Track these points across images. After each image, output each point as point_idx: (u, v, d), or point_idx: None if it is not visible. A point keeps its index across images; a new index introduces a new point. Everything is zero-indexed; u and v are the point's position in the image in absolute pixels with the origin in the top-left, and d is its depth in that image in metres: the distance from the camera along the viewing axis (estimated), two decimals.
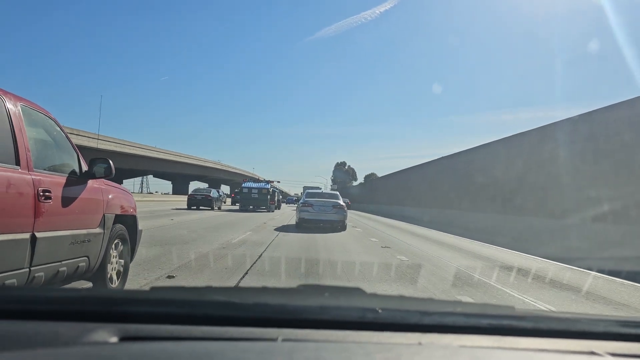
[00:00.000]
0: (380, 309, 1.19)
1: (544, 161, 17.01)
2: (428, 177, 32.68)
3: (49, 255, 3.53)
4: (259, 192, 31.60)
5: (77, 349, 0.99)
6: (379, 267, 7.37)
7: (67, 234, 3.78)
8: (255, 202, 31.51)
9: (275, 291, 1.55)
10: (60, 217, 3.71)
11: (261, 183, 34.04)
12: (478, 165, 23.45)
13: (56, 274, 3.66)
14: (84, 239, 4.03)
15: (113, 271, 4.66)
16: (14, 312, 1.19)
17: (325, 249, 9.55)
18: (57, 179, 3.76)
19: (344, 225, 15.74)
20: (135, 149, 55.67)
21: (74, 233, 3.87)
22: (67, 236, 3.78)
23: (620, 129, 12.98)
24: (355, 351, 0.99)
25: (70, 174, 4.01)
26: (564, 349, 1.13)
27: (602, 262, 9.56)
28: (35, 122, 3.74)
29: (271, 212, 30.39)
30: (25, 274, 3.27)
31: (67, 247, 3.78)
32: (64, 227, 3.75)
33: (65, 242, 3.75)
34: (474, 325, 1.20)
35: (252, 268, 6.70)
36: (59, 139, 4.12)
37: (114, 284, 4.65)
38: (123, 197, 4.94)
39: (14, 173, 3.23)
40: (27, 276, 3.31)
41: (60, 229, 3.68)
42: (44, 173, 3.57)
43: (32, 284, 3.40)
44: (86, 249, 4.07)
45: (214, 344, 1.04)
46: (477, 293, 5.83)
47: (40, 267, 3.43)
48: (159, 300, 1.28)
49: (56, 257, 3.63)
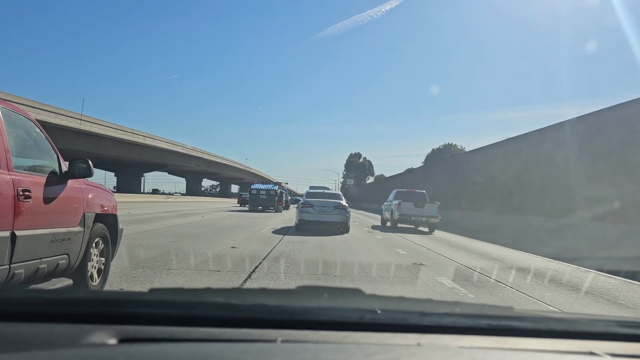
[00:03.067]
0: (379, 310, 1.19)
1: (543, 161, 17.04)
2: (429, 177, 32.81)
3: (29, 252, 3.60)
4: (267, 194, 32.82)
5: (75, 350, 0.98)
6: (377, 266, 7.40)
7: (47, 232, 3.85)
8: (264, 202, 32.69)
9: (274, 292, 1.55)
10: (40, 216, 3.77)
11: (269, 185, 35.29)
12: (476, 166, 23.57)
13: (36, 271, 3.74)
14: (64, 237, 4.09)
15: (94, 269, 4.70)
16: (11, 313, 1.19)
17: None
18: (37, 179, 3.84)
19: (346, 227, 15.01)
20: (136, 137, 52.45)
21: (53, 231, 3.93)
22: (47, 234, 3.84)
23: (618, 129, 13.01)
24: (355, 352, 0.98)
25: (50, 174, 4.08)
26: (563, 350, 1.13)
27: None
28: (15, 124, 3.80)
29: (279, 212, 31.11)
30: (5, 271, 3.34)
31: (47, 245, 3.85)
32: (43, 226, 3.81)
33: (45, 240, 3.81)
34: (473, 326, 1.20)
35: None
36: (39, 140, 4.18)
37: (94, 281, 4.68)
38: (104, 196, 4.98)
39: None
40: (7, 273, 3.37)
41: (40, 227, 3.75)
42: (23, 173, 3.65)
43: (12, 281, 3.48)
44: (66, 247, 4.13)
45: (212, 346, 1.03)
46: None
47: (20, 264, 3.50)
48: (158, 301, 1.28)
49: (36, 254, 3.71)
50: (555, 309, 5.17)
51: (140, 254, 7.54)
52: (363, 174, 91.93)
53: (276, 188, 33.93)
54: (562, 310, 5.19)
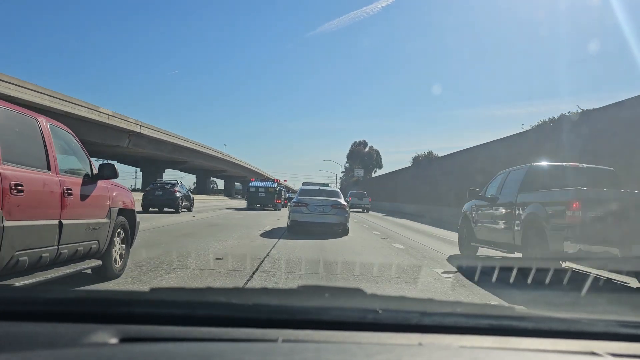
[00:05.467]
0: (380, 310, 1.19)
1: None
2: (428, 175, 32.75)
3: (71, 237, 4.58)
4: (265, 191, 32.10)
5: (76, 350, 0.98)
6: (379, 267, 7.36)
7: (83, 222, 4.84)
8: (262, 200, 32.04)
9: (276, 292, 1.55)
10: (78, 209, 4.75)
11: (268, 182, 34.45)
12: (478, 165, 23.48)
13: (75, 253, 4.72)
14: (95, 226, 5.09)
15: (117, 254, 5.66)
16: (13, 313, 1.19)
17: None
18: (75, 179, 4.84)
19: (345, 228, 12.98)
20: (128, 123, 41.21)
21: (88, 222, 4.93)
22: (83, 224, 4.84)
23: (619, 128, 12.99)
24: (356, 352, 0.98)
25: (84, 176, 5.07)
26: (564, 350, 1.13)
27: None
28: (60, 137, 4.84)
29: (278, 210, 30.47)
30: (54, 250, 4.33)
31: (83, 232, 4.85)
32: (81, 217, 4.79)
33: (82, 228, 4.80)
34: (474, 326, 1.20)
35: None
36: (76, 148, 5.24)
37: (117, 264, 5.66)
38: (124, 194, 5.94)
39: (47, 175, 4.31)
40: (56, 252, 4.36)
41: (78, 218, 4.73)
42: (66, 175, 4.67)
43: (59, 259, 4.46)
44: (97, 235, 5.12)
45: (214, 345, 1.04)
46: None
47: (64, 246, 4.48)
48: (159, 301, 1.28)
49: (76, 239, 4.70)
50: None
51: None
52: (370, 166, 75.90)
53: (275, 185, 33.21)
54: None
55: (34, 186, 4.04)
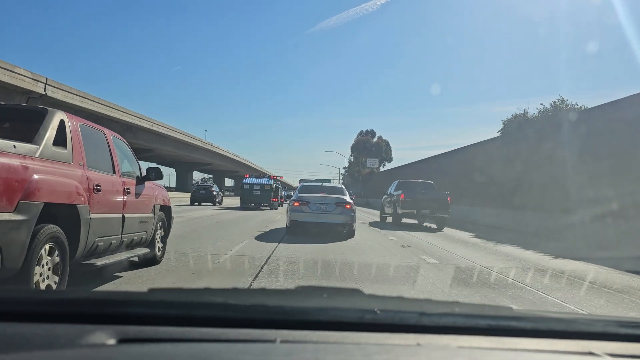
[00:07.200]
0: (378, 310, 1.19)
1: (543, 160, 17.07)
2: (425, 173, 32.76)
3: (130, 228, 5.56)
4: (261, 189, 29.13)
5: (74, 351, 0.98)
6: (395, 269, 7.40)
7: (137, 216, 5.82)
8: (257, 199, 29.14)
9: (274, 292, 1.55)
10: (134, 205, 5.74)
11: (264, 179, 31.02)
12: (477, 164, 23.57)
13: (132, 241, 5.70)
14: (145, 220, 6.12)
15: (159, 243, 6.73)
16: (11, 313, 1.19)
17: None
18: (131, 181, 5.82)
19: (351, 229, 11.62)
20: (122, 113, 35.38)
21: (140, 216, 5.94)
22: (137, 217, 5.81)
23: (619, 127, 13.00)
24: (354, 352, 0.98)
25: (136, 178, 6.04)
26: (562, 350, 1.13)
27: None
28: (118, 145, 5.78)
29: (274, 209, 27.86)
30: (119, 238, 5.32)
31: (138, 224, 5.83)
32: (136, 212, 5.76)
33: (136, 221, 5.78)
34: (472, 326, 1.20)
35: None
36: (129, 154, 6.19)
37: (159, 251, 6.72)
38: (164, 193, 7.11)
39: (114, 178, 5.29)
40: (120, 240, 5.33)
41: (134, 212, 5.70)
42: (124, 177, 5.61)
43: (121, 246, 5.42)
44: (146, 227, 6.15)
45: (212, 346, 1.04)
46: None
47: (125, 235, 5.46)
48: (157, 301, 1.28)
49: (132, 230, 5.67)
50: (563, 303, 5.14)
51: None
52: (379, 159, 65.96)
53: (271, 182, 29.72)
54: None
55: (107, 186, 4.99)
